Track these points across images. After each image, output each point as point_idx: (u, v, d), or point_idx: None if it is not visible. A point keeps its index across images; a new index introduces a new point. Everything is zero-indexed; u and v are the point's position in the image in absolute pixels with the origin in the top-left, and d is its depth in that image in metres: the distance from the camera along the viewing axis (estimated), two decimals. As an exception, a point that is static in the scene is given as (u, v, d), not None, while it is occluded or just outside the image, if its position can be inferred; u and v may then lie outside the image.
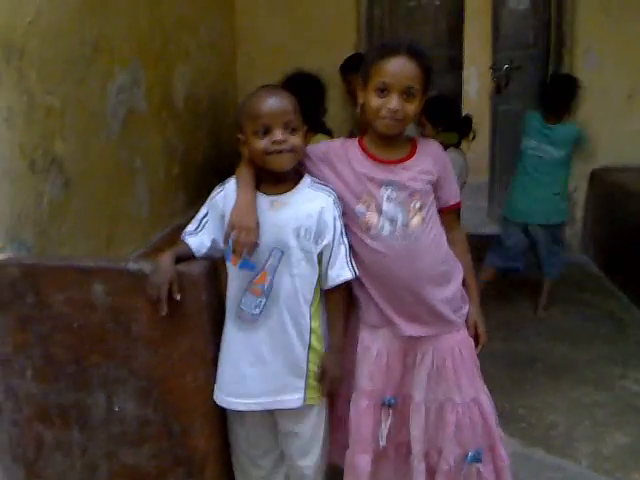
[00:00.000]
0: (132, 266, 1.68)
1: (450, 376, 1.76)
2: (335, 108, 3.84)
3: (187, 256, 1.67)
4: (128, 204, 2.65)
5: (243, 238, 1.56)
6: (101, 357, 1.70)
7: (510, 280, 3.77)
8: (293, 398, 1.66)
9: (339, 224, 1.66)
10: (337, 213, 1.66)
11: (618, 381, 2.85)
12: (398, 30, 4.58)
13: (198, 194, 3.44)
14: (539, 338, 3.31)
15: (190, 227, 1.70)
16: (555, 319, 3.53)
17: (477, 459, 1.78)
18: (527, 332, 3.37)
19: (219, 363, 1.70)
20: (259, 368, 1.64)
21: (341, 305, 1.72)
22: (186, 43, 3.44)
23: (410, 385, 1.78)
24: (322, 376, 1.68)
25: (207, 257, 1.70)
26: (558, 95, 3.44)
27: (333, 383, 1.71)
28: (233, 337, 1.67)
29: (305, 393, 1.67)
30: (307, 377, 1.67)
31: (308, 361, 1.66)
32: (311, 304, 1.66)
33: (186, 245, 1.68)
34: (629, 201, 3.82)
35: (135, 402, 1.71)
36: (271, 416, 1.73)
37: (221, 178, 1.72)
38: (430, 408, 1.78)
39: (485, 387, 1.83)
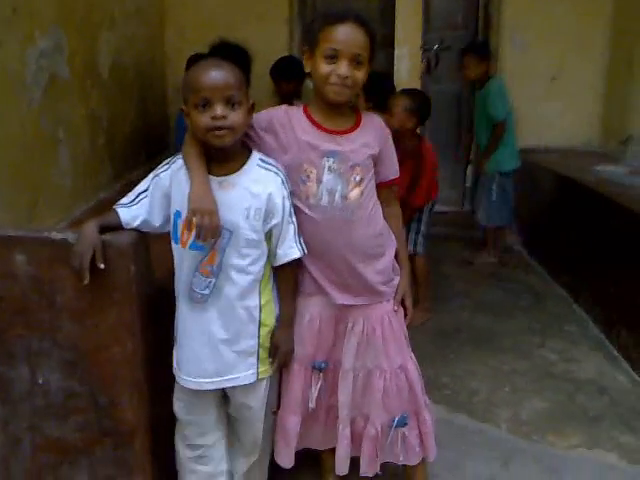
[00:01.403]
0: (55, 235, 1.62)
1: (379, 344, 1.80)
2: (263, 83, 3.78)
3: (114, 227, 1.62)
4: (51, 175, 2.55)
5: (207, 222, 1.52)
6: (24, 329, 1.64)
7: (437, 254, 3.88)
8: (246, 374, 1.67)
9: (287, 203, 1.64)
10: (285, 193, 1.64)
11: (536, 350, 2.99)
12: (330, 5, 4.56)
13: (125, 166, 3.35)
14: (463, 310, 3.44)
15: (125, 199, 1.65)
16: (478, 292, 3.68)
17: (403, 424, 1.84)
18: (452, 304, 3.50)
19: (176, 343, 1.69)
20: (211, 348, 1.63)
21: (291, 281, 1.74)
22: (111, 9, 3.31)
23: (340, 352, 1.82)
24: (274, 350, 1.71)
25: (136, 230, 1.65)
26: None
27: (284, 356, 1.74)
28: (186, 318, 1.65)
29: (257, 368, 1.68)
30: (258, 352, 1.68)
31: (259, 337, 1.67)
32: (260, 281, 1.66)
33: (115, 215, 1.62)
34: (548, 181, 3.99)
35: (60, 374, 1.66)
36: (221, 395, 1.74)
37: (149, 150, 1.68)
38: (358, 375, 1.82)
39: (413, 355, 1.88)
